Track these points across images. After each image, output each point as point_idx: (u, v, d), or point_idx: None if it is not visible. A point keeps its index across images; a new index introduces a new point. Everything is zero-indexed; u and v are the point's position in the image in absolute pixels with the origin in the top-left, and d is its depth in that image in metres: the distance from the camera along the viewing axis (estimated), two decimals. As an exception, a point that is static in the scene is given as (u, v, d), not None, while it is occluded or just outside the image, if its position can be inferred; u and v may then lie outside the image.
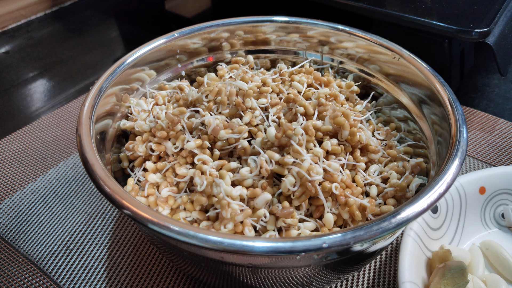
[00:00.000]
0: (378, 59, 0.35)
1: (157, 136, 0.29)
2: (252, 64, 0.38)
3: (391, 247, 0.34)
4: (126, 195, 0.22)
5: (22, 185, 0.39)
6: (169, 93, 0.35)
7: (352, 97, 0.35)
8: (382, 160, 0.31)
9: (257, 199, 0.25)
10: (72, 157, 0.42)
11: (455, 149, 0.25)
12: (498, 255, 0.31)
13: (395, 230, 0.21)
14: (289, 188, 0.25)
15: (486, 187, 0.34)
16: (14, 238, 0.35)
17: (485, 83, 0.52)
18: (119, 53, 0.62)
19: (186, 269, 0.28)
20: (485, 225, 0.34)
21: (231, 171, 0.27)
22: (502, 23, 0.40)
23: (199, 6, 0.74)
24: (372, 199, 0.27)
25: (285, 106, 0.30)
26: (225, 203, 0.24)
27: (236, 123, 0.29)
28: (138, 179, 0.30)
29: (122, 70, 0.31)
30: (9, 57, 0.60)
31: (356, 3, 0.42)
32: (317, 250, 0.19)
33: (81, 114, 0.27)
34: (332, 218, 0.26)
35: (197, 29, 0.36)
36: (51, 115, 0.48)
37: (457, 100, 0.28)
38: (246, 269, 0.23)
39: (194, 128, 0.30)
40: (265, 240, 0.20)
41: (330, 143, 0.28)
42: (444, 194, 0.22)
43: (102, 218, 0.36)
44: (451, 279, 0.27)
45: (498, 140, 0.43)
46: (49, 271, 0.32)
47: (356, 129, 0.28)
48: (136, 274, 0.32)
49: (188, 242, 0.20)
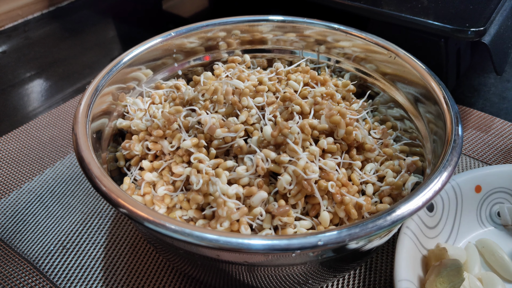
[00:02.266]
0: (374, 58, 0.35)
1: (153, 135, 0.29)
2: (249, 63, 0.38)
3: (388, 245, 0.34)
4: (122, 193, 0.22)
5: (19, 185, 0.39)
6: (165, 92, 0.35)
7: (349, 96, 0.35)
8: (378, 159, 0.31)
9: (253, 197, 0.25)
10: (68, 156, 0.42)
11: (450, 147, 0.25)
12: (494, 253, 0.31)
13: (391, 227, 0.21)
14: (285, 186, 0.26)
15: (482, 185, 0.34)
16: (10, 238, 0.35)
17: (481, 82, 0.52)
18: (116, 53, 0.62)
19: (182, 268, 0.28)
20: (481, 224, 0.34)
21: (227, 170, 0.27)
22: (498, 22, 0.40)
23: (196, 6, 0.74)
24: (368, 198, 0.27)
25: (282, 105, 0.31)
26: (221, 201, 0.24)
27: (233, 122, 0.29)
28: (134, 178, 0.30)
29: (119, 69, 0.31)
30: (6, 56, 0.60)
31: (352, 2, 0.42)
32: (312, 248, 0.20)
33: (77, 113, 0.27)
34: (328, 217, 0.26)
35: (194, 28, 0.36)
36: (48, 114, 0.48)
37: (452, 99, 0.28)
38: (242, 267, 0.23)
39: (190, 127, 0.30)
40: (260, 238, 0.20)
41: (326, 141, 0.28)
42: (439, 191, 0.22)
43: (98, 218, 0.36)
44: (447, 277, 0.27)
45: (494, 139, 0.43)
46: (46, 270, 0.32)
47: (352, 128, 0.28)
48: (133, 273, 0.32)
49: (184, 240, 0.20)
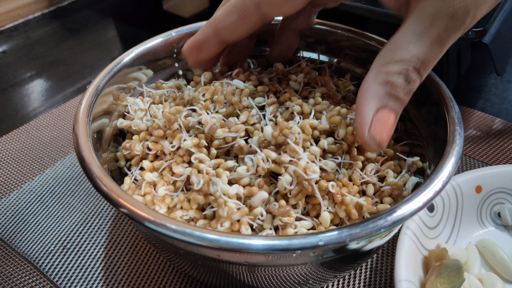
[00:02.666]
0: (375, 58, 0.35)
1: (154, 135, 0.29)
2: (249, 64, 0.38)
3: (388, 245, 0.34)
4: (123, 193, 0.22)
5: (19, 185, 0.39)
6: (166, 92, 0.35)
7: (350, 96, 0.35)
8: (378, 159, 0.31)
9: (253, 197, 0.25)
10: (69, 156, 0.42)
11: (451, 148, 0.25)
12: (494, 254, 0.31)
13: (391, 227, 0.21)
14: (286, 186, 0.25)
15: (483, 186, 0.34)
16: (10, 238, 0.35)
17: (482, 83, 0.52)
18: (117, 53, 0.62)
19: (183, 268, 0.28)
20: (481, 224, 0.34)
21: (227, 170, 0.27)
22: (499, 22, 0.40)
23: (196, 6, 0.74)
24: (369, 198, 0.27)
25: (282, 105, 0.31)
26: (221, 201, 0.24)
27: (233, 122, 0.29)
28: (135, 178, 0.30)
29: (119, 69, 0.31)
30: (6, 56, 0.60)
31: (353, 2, 0.42)
32: (313, 248, 0.20)
33: (77, 113, 0.27)
34: (328, 217, 0.26)
35: (194, 28, 0.36)
36: (48, 114, 0.48)
37: (454, 99, 0.28)
38: (242, 268, 0.23)
39: (191, 127, 0.30)
40: (261, 238, 0.20)
41: (326, 142, 0.28)
42: (440, 192, 0.22)
43: (99, 217, 0.36)
44: (447, 278, 0.27)
45: (494, 140, 0.43)
46: (46, 270, 0.32)
47: (353, 128, 0.28)
48: (133, 273, 0.32)
49: (185, 240, 0.20)
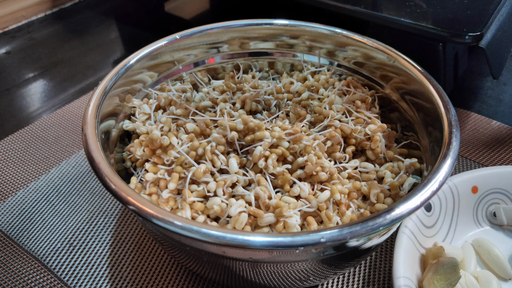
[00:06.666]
0: (374, 62, 0.35)
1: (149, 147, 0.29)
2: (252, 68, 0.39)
3: (386, 243, 0.34)
4: (131, 192, 0.23)
5: (25, 184, 0.40)
6: (170, 95, 0.36)
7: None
8: (378, 161, 0.32)
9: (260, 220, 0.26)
10: (74, 156, 0.43)
11: (448, 149, 0.26)
12: (490, 252, 0.32)
13: (390, 226, 0.22)
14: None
15: (479, 186, 0.35)
16: (18, 236, 0.35)
17: (479, 86, 0.53)
18: (119, 54, 0.63)
19: (188, 265, 0.29)
20: (477, 223, 0.35)
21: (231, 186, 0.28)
22: (495, 27, 0.41)
23: (198, 8, 0.75)
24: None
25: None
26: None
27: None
28: (140, 178, 0.31)
29: (126, 71, 0.32)
30: (10, 57, 0.61)
31: (353, 7, 0.43)
32: (315, 245, 0.20)
33: (86, 114, 0.28)
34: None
35: (198, 31, 0.37)
36: (53, 115, 0.48)
37: (450, 102, 0.29)
38: (246, 264, 0.24)
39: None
40: (265, 235, 0.21)
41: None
42: (437, 192, 0.23)
43: (104, 216, 0.37)
44: (444, 275, 0.28)
45: (490, 141, 0.44)
46: (53, 267, 0.33)
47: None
48: (139, 270, 0.33)
49: (191, 236, 0.21)
